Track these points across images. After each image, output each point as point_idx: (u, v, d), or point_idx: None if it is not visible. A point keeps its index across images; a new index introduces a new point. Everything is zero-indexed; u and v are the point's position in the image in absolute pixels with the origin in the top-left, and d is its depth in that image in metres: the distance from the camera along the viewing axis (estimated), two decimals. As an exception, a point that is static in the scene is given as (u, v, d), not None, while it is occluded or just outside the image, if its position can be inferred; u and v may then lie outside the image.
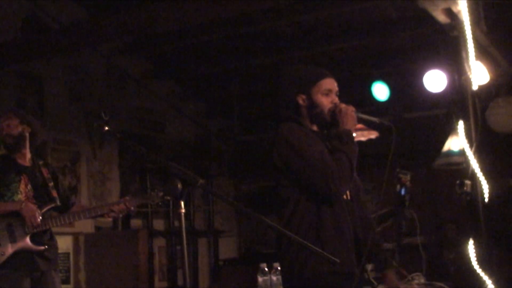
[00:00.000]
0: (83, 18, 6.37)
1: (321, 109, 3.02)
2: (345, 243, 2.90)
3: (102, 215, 4.31)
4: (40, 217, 4.13)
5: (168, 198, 4.36)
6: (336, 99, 3.06)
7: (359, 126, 3.27)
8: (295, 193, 2.91)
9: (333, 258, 2.39)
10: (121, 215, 4.27)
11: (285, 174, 2.93)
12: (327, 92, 3.03)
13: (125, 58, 7.46)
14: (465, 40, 4.67)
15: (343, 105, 3.02)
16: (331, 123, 3.03)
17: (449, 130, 6.19)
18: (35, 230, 4.13)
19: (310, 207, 2.88)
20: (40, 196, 4.30)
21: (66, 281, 6.50)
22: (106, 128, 2.55)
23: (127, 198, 4.24)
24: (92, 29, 6.18)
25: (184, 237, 2.44)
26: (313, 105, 3.02)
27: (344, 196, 2.98)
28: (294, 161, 2.89)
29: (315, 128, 3.06)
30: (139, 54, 7.63)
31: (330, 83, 3.06)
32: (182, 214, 2.41)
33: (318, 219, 2.86)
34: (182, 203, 2.42)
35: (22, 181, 4.27)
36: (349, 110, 3.00)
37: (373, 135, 5.93)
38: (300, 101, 3.03)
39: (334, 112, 3.00)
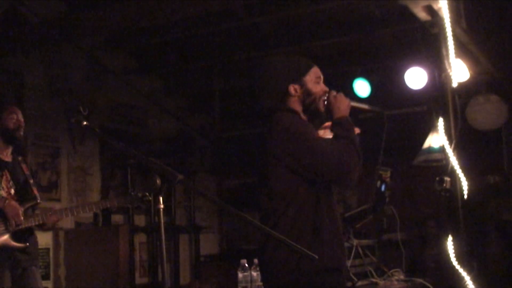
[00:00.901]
0: (63, 12, 6.32)
1: (315, 97, 2.97)
2: (339, 238, 2.88)
3: None
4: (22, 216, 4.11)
5: (149, 199, 4.34)
6: (325, 87, 3.03)
7: (327, 124, 3.23)
8: (293, 185, 2.80)
9: (312, 254, 2.37)
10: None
11: (284, 165, 2.80)
12: (318, 80, 3.00)
13: (106, 53, 7.42)
14: (445, 38, 4.71)
15: (333, 92, 3.00)
16: (325, 111, 2.99)
17: (430, 127, 6.23)
18: (17, 228, 4.11)
19: (307, 201, 2.79)
20: (21, 192, 4.27)
21: (45, 277, 6.45)
22: (85, 123, 2.51)
23: (109, 198, 4.24)
24: (73, 24, 6.16)
25: (162, 233, 2.43)
26: (307, 93, 2.96)
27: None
28: (300, 150, 2.78)
29: (304, 117, 3.00)
30: (120, 49, 7.58)
31: (318, 71, 3.02)
32: (161, 210, 2.40)
33: (315, 213, 2.79)
34: (161, 198, 2.41)
35: (4, 177, 4.24)
36: (342, 97, 2.98)
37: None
38: (292, 91, 2.95)
39: (328, 99, 2.98)
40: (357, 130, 2.99)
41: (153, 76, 8.28)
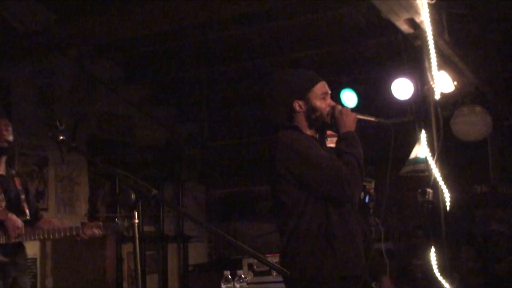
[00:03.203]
0: (51, 22, 6.32)
1: (320, 112, 3.01)
2: (355, 247, 2.91)
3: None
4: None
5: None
6: (332, 102, 3.06)
7: (330, 132, 3.26)
8: (301, 199, 2.87)
9: (284, 270, 2.41)
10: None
11: (289, 181, 2.88)
12: (323, 96, 3.03)
13: (94, 62, 7.42)
14: (428, 50, 4.74)
15: (339, 106, 3.03)
16: (331, 126, 3.04)
17: (416, 137, 6.26)
18: (14, 241, 4.11)
19: (318, 212, 2.86)
20: (12, 207, 4.25)
21: (33, 287, 6.43)
22: (61, 137, 2.54)
23: (99, 224, 4.20)
24: (61, 33, 6.15)
25: (137, 247, 2.45)
26: (311, 110, 3.00)
27: None
28: (303, 168, 2.85)
29: (310, 133, 3.05)
30: (108, 58, 7.59)
31: (324, 86, 3.05)
32: (135, 224, 2.42)
33: (326, 224, 2.85)
34: (136, 213, 2.43)
35: None
36: (348, 111, 3.01)
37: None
38: (297, 107, 3.00)
39: (334, 114, 3.00)
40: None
41: (141, 85, 8.29)
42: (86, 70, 7.33)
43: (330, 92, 3.08)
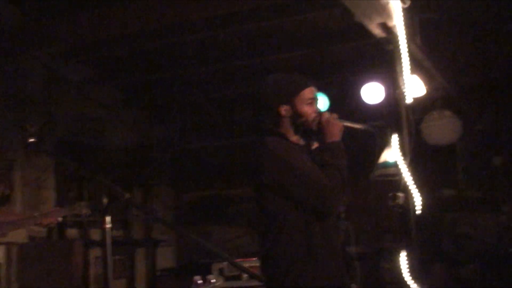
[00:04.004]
0: (20, 22, 6.22)
1: (306, 118, 2.98)
2: (336, 258, 2.91)
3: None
4: None
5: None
6: (319, 108, 3.04)
7: None
8: (284, 208, 2.86)
9: (259, 275, 2.39)
10: (51, 226, 4.19)
11: (274, 190, 2.86)
12: (310, 102, 3.00)
13: (65, 64, 7.31)
14: (400, 54, 4.75)
15: (326, 114, 3.01)
16: (316, 133, 3.01)
17: (386, 142, 6.30)
18: None
19: (299, 222, 2.84)
20: None
21: (-3, 292, 6.32)
22: (31, 140, 2.48)
23: (56, 208, 4.16)
24: (30, 33, 6.06)
25: (109, 253, 2.40)
26: (296, 115, 2.97)
27: None
28: (286, 177, 2.83)
29: (296, 139, 3.03)
30: (79, 60, 7.49)
31: (312, 92, 3.02)
32: (107, 229, 2.38)
33: (308, 234, 2.83)
34: (108, 218, 2.38)
35: None
36: (335, 120, 2.99)
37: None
38: (283, 112, 2.97)
39: (320, 122, 2.98)
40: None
41: (112, 87, 8.20)
42: (57, 72, 7.22)
43: (318, 98, 3.06)
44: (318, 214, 2.86)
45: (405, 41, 4.78)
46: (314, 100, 3.02)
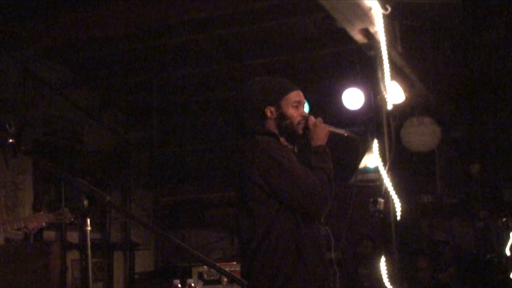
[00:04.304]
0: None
1: (291, 121, 2.97)
2: (323, 260, 2.92)
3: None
4: None
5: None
6: (305, 112, 3.04)
7: None
8: (273, 209, 2.84)
9: (243, 280, 2.37)
10: (33, 231, 4.14)
11: (264, 190, 2.84)
12: (296, 105, 3.00)
13: (42, 65, 7.23)
14: (381, 60, 4.78)
15: (312, 118, 3.01)
16: (301, 136, 3.01)
17: (366, 147, 6.32)
18: None
19: (288, 225, 2.84)
20: None
21: (-29, 297, 6.21)
22: (10, 140, 2.44)
23: (41, 214, 4.10)
24: (6, 34, 5.98)
25: (89, 256, 2.37)
26: (282, 117, 2.96)
27: None
28: (280, 180, 2.82)
29: (283, 141, 3.01)
30: (57, 61, 7.42)
31: (298, 95, 3.02)
32: (88, 232, 2.33)
33: (297, 235, 2.83)
34: (88, 220, 2.34)
35: None
36: (321, 124, 3.00)
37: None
38: (268, 113, 2.96)
39: (306, 126, 2.98)
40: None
41: (90, 89, 8.13)
42: (33, 73, 7.14)
43: (305, 101, 3.07)
44: (306, 217, 2.87)
45: (386, 47, 4.81)
46: (300, 103, 3.03)
